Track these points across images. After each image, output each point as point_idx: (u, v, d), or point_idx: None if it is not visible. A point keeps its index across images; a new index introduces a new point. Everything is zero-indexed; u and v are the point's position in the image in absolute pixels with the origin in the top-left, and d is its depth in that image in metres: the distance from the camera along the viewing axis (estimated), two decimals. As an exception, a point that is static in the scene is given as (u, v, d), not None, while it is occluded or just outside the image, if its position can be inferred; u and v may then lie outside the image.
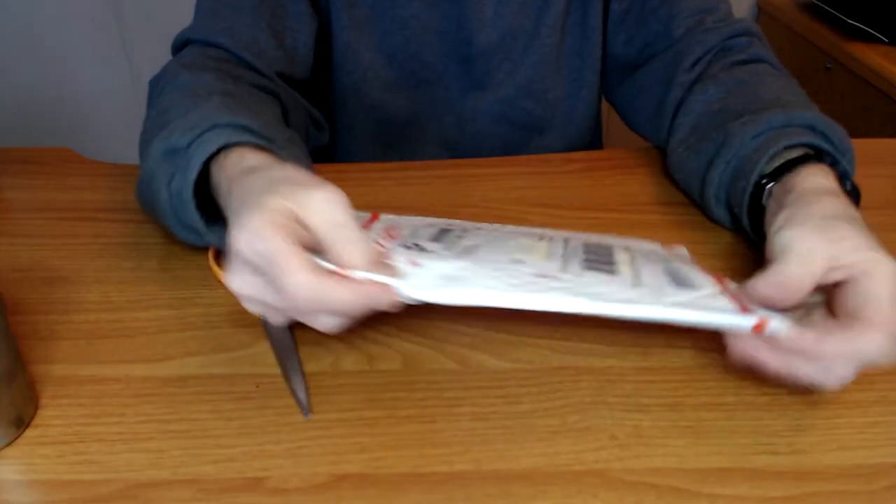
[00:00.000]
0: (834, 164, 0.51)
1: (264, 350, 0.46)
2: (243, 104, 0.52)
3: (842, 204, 0.45)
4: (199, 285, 0.52)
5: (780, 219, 0.44)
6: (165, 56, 0.64)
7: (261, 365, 0.45)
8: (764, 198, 0.51)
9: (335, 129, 0.80)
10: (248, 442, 0.40)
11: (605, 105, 0.87)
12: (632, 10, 0.72)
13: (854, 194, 0.51)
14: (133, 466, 0.38)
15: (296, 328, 0.47)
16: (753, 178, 0.51)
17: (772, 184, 0.50)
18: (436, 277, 0.39)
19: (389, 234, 0.46)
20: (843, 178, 0.50)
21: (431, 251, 0.43)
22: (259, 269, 0.37)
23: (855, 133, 0.54)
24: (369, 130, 0.79)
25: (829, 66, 1.43)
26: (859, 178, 0.66)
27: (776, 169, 0.51)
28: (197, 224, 0.48)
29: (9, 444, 0.40)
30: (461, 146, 0.80)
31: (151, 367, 0.45)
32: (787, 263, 0.40)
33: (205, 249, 0.55)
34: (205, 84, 0.54)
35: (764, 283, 0.41)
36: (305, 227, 0.37)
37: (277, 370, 0.45)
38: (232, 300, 0.50)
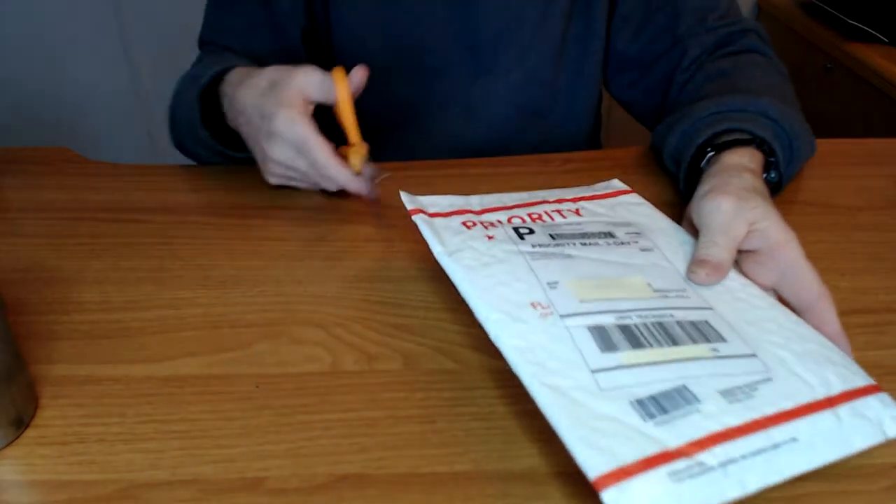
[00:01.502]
0: (771, 151, 0.57)
1: (264, 350, 0.46)
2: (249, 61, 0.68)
3: (757, 181, 0.52)
4: (199, 285, 0.52)
5: (706, 186, 0.51)
6: (165, 56, 0.66)
7: (261, 365, 0.45)
8: (703, 163, 0.57)
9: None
10: (248, 442, 0.40)
11: (605, 105, 0.87)
12: (637, 7, 0.73)
13: (777, 182, 0.58)
14: (133, 466, 0.38)
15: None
16: (693, 147, 0.58)
17: (712, 153, 0.56)
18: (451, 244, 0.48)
19: (531, 216, 0.54)
20: (773, 166, 0.57)
21: (525, 241, 0.49)
22: (294, 145, 0.56)
23: (855, 133, 0.54)
24: (372, 118, 0.80)
25: (829, 66, 1.43)
26: (860, 177, 0.67)
27: (721, 143, 0.56)
28: (197, 121, 0.63)
29: (9, 444, 0.40)
30: (466, 132, 0.80)
31: (151, 367, 0.45)
32: (717, 228, 0.47)
33: (204, 250, 0.56)
34: (228, 56, 0.69)
35: (706, 247, 0.47)
36: (310, 100, 0.57)
37: (277, 370, 0.45)
38: (231, 300, 0.50)
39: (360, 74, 0.59)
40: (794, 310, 0.45)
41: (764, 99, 0.58)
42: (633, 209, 0.56)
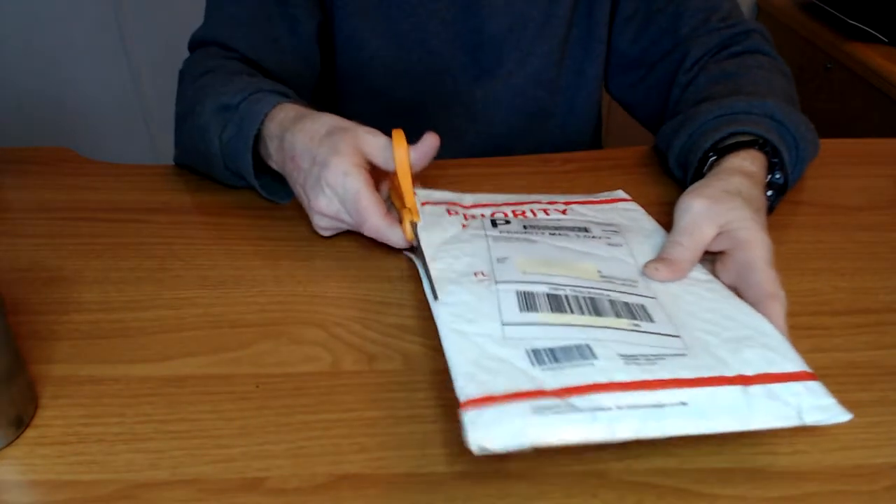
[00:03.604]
0: (775, 153, 0.56)
1: (264, 350, 0.46)
2: (270, 81, 0.62)
3: (747, 184, 0.51)
4: (199, 285, 0.52)
5: (691, 187, 0.51)
6: (165, 56, 0.65)
7: (260, 365, 0.45)
8: (705, 168, 0.57)
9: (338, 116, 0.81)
10: (248, 442, 0.40)
11: (604, 105, 0.87)
12: (639, 9, 0.73)
13: (783, 183, 0.57)
14: (132, 467, 0.38)
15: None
16: (699, 152, 0.57)
17: (714, 157, 0.56)
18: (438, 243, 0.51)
19: (514, 212, 0.56)
20: (777, 167, 0.56)
21: (496, 227, 0.53)
22: (342, 200, 0.51)
23: (855, 133, 0.55)
24: (374, 119, 0.79)
25: (829, 66, 1.43)
26: (860, 177, 0.67)
27: (724, 147, 0.56)
28: (247, 169, 0.58)
29: (9, 444, 0.40)
30: (468, 134, 0.80)
31: (151, 367, 0.45)
32: (683, 228, 0.48)
33: (204, 250, 0.56)
34: (234, 68, 0.64)
35: (670, 246, 0.48)
36: (367, 159, 0.52)
37: (277, 370, 0.45)
38: (231, 300, 0.50)
39: (429, 143, 0.53)
40: None
41: (769, 101, 0.58)
42: (624, 213, 0.57)
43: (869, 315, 0.50)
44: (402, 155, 0.52)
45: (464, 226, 0.53)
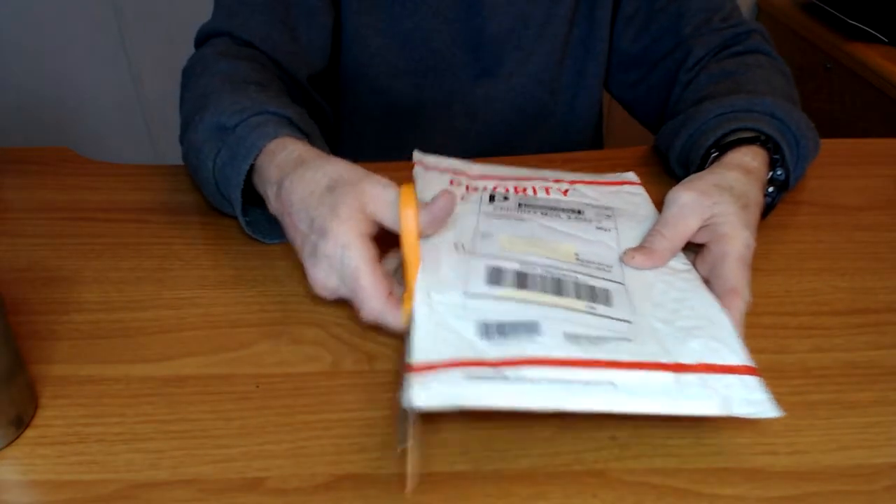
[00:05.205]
0: (777, 150, 0.56)
1: (264, 350, 0.46)
2: (278, 96, 0.58)
3: (743, 180, 0.51)
4: (199, 286, 0.52)
5: (684, 179, 0.51)
6: (165, 56, 0.64)
7: (260, 365, 0.45)
8: (707, 165, 0.57)
9: (340, 113, 0.81)
10: (248, 442, 0.40)
11: (605, 105, 0.87)
12: (641, 8, 0.73)
13: (785, 180, 0.57)
14: (133, 467, 0.38)
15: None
16: (701, 150, 0.57)
17: (716, 153, 0.56)
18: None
19: (517, 188, 0.57)
20: (779, 163, 0.56)
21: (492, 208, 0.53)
22: (340, 275, 0.44)
23: (855, 133, 0.55)
24: (375, 116, 0.80)
25: (829, 66, 1.43)
26: (860, 177, 0.67)
27: (725, 144, 0.56)
28: (236, 202, 0.53)
29: (9, 444, 0.40)
30: (469, 133, 0.80)
31: (151, 367, 0.45)
32: (667, 219, 0.49)
33: (204, 250, 0.56)
34: (241, 72, 0.59)
35: (652, 235, 0.49)
36: (375, 219, 0.45)
37: (277, 370, 0.45)
38: (231, 300, 0.50)
39: (442, 205, 0.44)
40: None
41: (768, 98, 0.58)
42: (626, 197, 0.57)
43: (869, 315, 0.50)
44: (409, 221, 0.43)
45: (462, 197, 0.54)
